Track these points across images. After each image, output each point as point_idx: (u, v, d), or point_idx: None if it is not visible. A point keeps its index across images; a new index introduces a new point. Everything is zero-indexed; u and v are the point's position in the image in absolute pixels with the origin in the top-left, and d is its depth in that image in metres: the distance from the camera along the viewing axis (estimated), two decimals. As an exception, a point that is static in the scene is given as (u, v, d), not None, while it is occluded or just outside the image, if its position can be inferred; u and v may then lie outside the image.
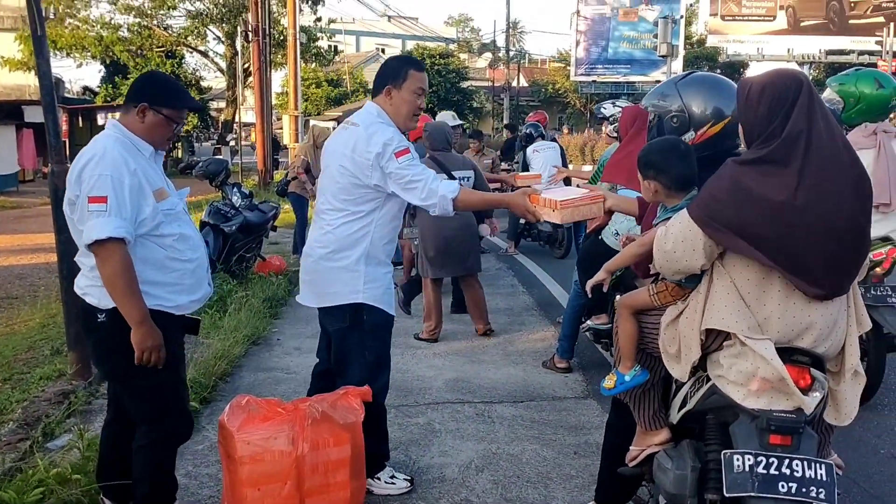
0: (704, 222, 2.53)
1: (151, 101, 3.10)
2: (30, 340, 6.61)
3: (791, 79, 2.54)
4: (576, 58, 40.62)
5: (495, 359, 6.10)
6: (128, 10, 31.08)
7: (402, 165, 3.44)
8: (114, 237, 2.87)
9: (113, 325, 3.00)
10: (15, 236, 14.85)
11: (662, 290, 2.87)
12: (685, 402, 2.83)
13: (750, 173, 2.49)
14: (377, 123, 3.57)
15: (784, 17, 38.16)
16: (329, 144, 3.76)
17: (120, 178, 2.92)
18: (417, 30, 54.51)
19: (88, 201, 2.89)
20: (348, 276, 3.59)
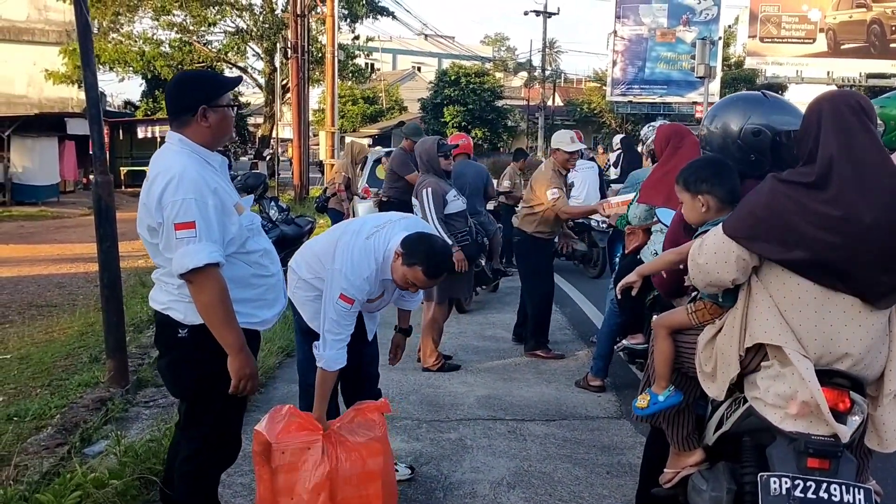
0: (739, 236, 2.56)
1: (207, 100, 2.93)
2: (68, 348, 6.71)
3: (818, 100, 2.61)
4: (612, 78, 40.54)
5: (528, 377, 6.08)
6: (170, 26, 31.56)
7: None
8: (210, 263, 2.75)
9: (194, 343, 2.91)
10: (55, 246, 15.11)
11: (700, 308, 2.88)
12: (721, 423, 2.82)
13: (787, 191, 2.51)
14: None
15: (824, 39, 37.80)
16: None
17: (204, 200, 2.78)
18: (454, 48, 54.79)
19: (175, 228, 2.75)
20: None
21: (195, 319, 2.87)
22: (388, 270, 3.63)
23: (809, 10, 37.75)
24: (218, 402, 2.99)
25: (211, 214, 2.78)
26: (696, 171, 3.01)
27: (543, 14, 45.83)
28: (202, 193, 2.78)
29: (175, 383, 3.16)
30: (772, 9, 38.02)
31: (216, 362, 2.88)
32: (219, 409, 3.03)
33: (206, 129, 2.94)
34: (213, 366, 2.89)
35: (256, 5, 32.35)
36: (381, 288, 3.72)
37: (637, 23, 40.38)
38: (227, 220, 2.86)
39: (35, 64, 30.94)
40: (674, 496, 3.09)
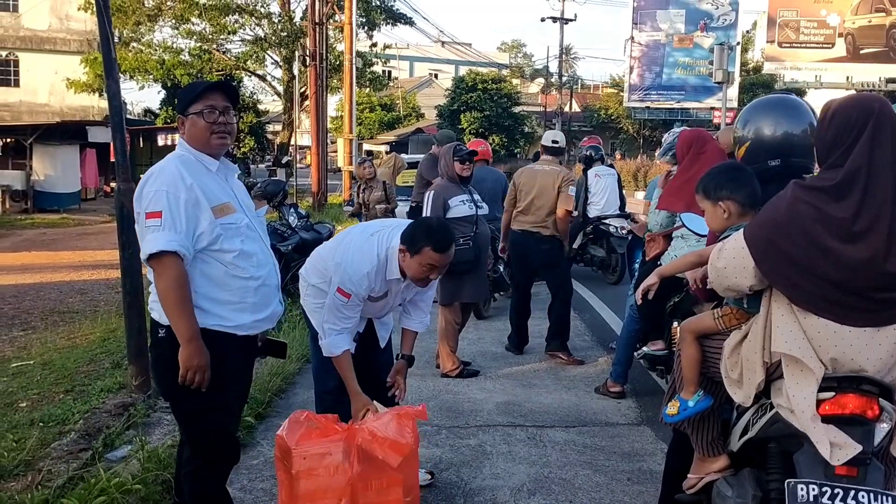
0: (754, 252, 2.56)
1: (182, 109, 3.11)
2: (91, 353, 6.77)
3: (861, 108, 2.51)
4: (629, 84, 40.48)
5: (547, 383, 6.08)
6: (189, 34, 31.83)
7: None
8: (166, 251, 2.85)
9: (170, 342, 2.96)
10: (76, 252, 15.26)
11: (727, 313, 2.89)
12: (746, 429, 2.81)
13: (809, 198, 2.49)
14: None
15: (843, 44, 37.58)
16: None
17: (175, 193, 2.89)
18: (470, 55, 54.87)
19: (145, 217, 2.90)
20: None
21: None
22: (395, 270, 3.69)
23: (828, 14, 37.56)
24: (198, 403, 3.02)
25: (180, 207, 2.89)
26: (713, 178, 3.05)
27: (560, 20, 45.81)
28: (175, 187, 2.90)
29: (158, 383, 3.33)
30: (790, 14, 37.85)
31: None
32: (200, 410, 3.06)
33: (188, 137, 3.09)
34: None
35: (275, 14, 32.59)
36: (385, 287, 3.76)
37: (654, 28, 40.30)
38: (200, 215, 2.94)
39: (57, 73, 31.29)
40: (697, 502, 3.07)
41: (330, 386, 3.97)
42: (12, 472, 3.96)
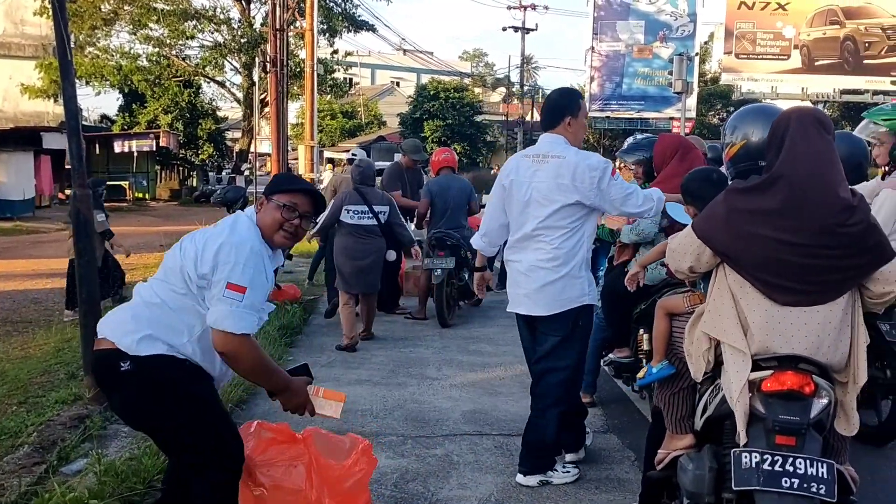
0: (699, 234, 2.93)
1: (268, 191, 3.12)
2: (45, 364, 6.58)
3: (788, 114, 2.93)
4: (590, 93, 40.72)
5: (513, 391, 6.03)
6: (147, 40, 31.45)
7: (618, 180, 4.09)
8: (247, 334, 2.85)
9: (136, 374, 2.87)
10: (30, 261, 14.91)
11: (695, 294, 3.37)
12: (706, 408, 3.08)
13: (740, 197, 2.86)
14: (579, 151, 4.16)
15: (799, 56, 38.28)
16: (524, 176, 4.20)
17: (259, 275, 2.90)
18: (432, 63, 54.93)
19: (227, 286, 2.82)
20: (576, 283, 4.13)
21: (140, 350, 2.88)
22: (577, 143, 4.17)
23: (784, 26, 38.23)
24: (189, 413, 2.97)
25: (262, 288, 2.91)
26: (685, 183, 3.70)
27: (521, 30, 46.07)
28: (259, 266, 2.92)
29: (132, 422, 3.24)
30: (747, 25, 38.46)
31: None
32: (195, 416, 2.98)
33: (260, 217, 3.07)
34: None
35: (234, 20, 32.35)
36: None
37: (614, 39, 40.67)
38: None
39: (11, 78, 30.67)
40: (667, 478, 3.31)
41: None
42: (-39, 487, 3.80)
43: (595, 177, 4.03)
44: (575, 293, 4.13)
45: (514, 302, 4.33)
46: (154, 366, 2.85)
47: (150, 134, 31.71)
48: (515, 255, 4.29)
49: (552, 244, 4.11)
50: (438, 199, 8.44)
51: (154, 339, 2.87)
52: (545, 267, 4.12)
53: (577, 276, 4.13)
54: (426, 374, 6.49)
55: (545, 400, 4.25)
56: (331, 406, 3.12)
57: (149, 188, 35.73)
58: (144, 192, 35.13)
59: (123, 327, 2.90)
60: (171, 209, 31.14)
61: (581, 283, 4.15)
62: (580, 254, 4.15)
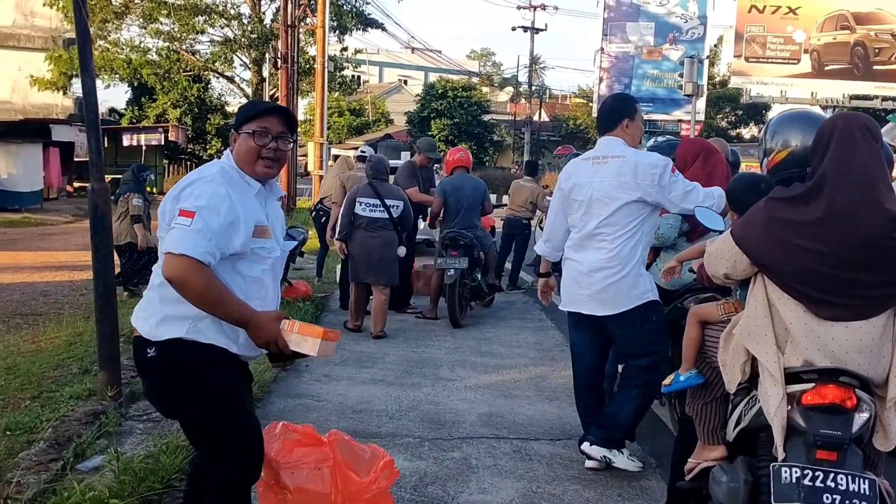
0: (737, 241, 2.87)
1: (236, 125, 2.94)
2: (57, 358, 6.55)
3: (834, 120, 2.85)
4: (598, 94, 40.59)
5: (528, 394, 5.99)
6: (157, 34, 31.38)
7: (678, 178, 4.23)
8: (189, 256, 2.61)
9: (163, 362, 2.81)
10: (39, 253, 14.92)
11: (730, 302, 3.30)
12: (740, 420, 3.03)
13: (781, 205, 2.79)
14: (637, 150, 4.37)
15: (808, 60, 38.09)
16: (584, 178, 4.35)
17: (215, 203, 2.70)
18: (441, 62, 54.86)
19: (178, 213, 2.68)
20: (639, 280, 4.26)
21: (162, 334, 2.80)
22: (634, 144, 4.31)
23: (794, 31, 38.04)
24: (211, 404, 2.86)
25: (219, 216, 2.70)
26: (729, 191, 3.63)
27: (531, 30, 45.99)
28: (217, 196, 2.73)
29: (160, 408, 3.16)
30: (757, 29, 38.27)
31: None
32: (216, 409, 2.87)
33: (235, 153, 2.92)
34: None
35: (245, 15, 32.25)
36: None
37: (624, 40, 40.57)
38: (234, 234, 2.74)
39: (20, 70, 30.60)
40: (697, 489, 3.28)
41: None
42: (-21, 483, 3.76)
43: (656, 174, 4.19)
44: (639, 290, 4.28)
45: (573, 302, 4.46)
46: (175, 351, 2.78)
47: (158, 128, 31.70)
48: (576, 254, 4.42)
49: (613, 244, 4.25)
50: (452, 199, 8.40)
51: (170, 320, 2.79)
52: (608, 266, 4.25)
53: (638, 273, 4.29)
54: (440, 375, 6.45)
55: (632, 380, 4.42)
56: (307, 343, 2.71)
57: (157, 182, 35.71)
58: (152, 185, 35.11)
59: (142, 313, 2.86)
60: (179, 203, 31.00)
61: (644, 280, 4.32)
62: (638, 254, 4.29)
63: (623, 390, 4.47)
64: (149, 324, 2.82)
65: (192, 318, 2.76)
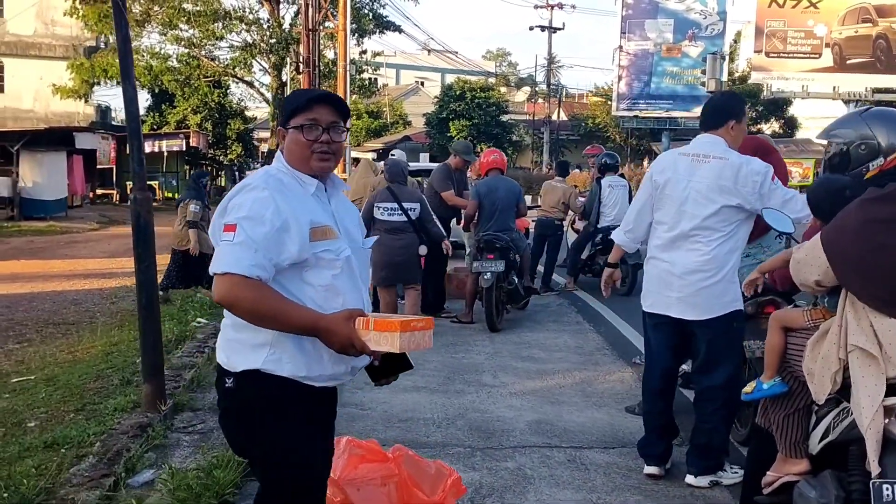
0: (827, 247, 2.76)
1: (282, 121, 2.66)
2: (96, 369, 6.52)
3: None
4: (618, 93, 40.32)
5: (575, 400, 5.88)
6: (177, 40, 31.53)
7: (778, 185, 4.09)
8: (233, 273, 2.37)
9: (239, 395, 2.55)
10: (66, 261, 14.95)
11: (816, 309, 3.16)
12: (827, 432, 2.92)
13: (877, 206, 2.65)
14: (741, 154, 4.20)
15: (830, 54, 37.64)
16: (681, 174, 4.22)
17: (260, 211, 2.44)
18: (458, 63, 54.78)
19: (222, 230, 2.46)
20: (731, 287, 4.15)
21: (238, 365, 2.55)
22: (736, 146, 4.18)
23: (815, 24, 37.62)
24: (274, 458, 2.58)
25: (264, 224, 2.44)
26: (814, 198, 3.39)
27: (549, 29, 45.84)
28: (262, 202, 2.47)
29: (228, 441, 2.83)
30: (777, 24, 37.88)
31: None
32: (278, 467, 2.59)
33: (286, 151, 2.64)
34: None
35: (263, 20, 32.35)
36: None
37: (643, 38, 40.21)
38: (287, 240, 2.45)
39: (42, 78, 30.93)
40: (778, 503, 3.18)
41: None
42: (34, 500, 3.70)
43: (758, 181, 4.08)
44: (730, 297, 4.16)
45: (661, 303, 4.33)
46: (249, 385, 2.52)
47: (179, 134, 31.78)
48: (666, 254, 4.29)
49: (709, 246, 4.13)
50: (486, 201, 8.30)
51: (245, 349, 2.53)
52: (703, 270, 4.14)
53: (731, 280, 4.16)
54: (483, 381, 6.35)
55: (712, 404, 4.28)
56: (387, 339, 2.37)
57: (178, 188, 35.84)
58: (174, 191, 35.22)
59: (221, 341, 2.65)
60: (200, 209, 31.13)
61: (735, 288, 4.18)
62: (734, 259, 4.17)
63: (705, 418, 4.31)
64: (225, 353, 2.59)
65: (270, 345, 2.49)
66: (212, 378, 6.28)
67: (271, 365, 2.50)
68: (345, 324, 2.41)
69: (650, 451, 4.49)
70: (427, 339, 2.42)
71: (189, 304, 9.09)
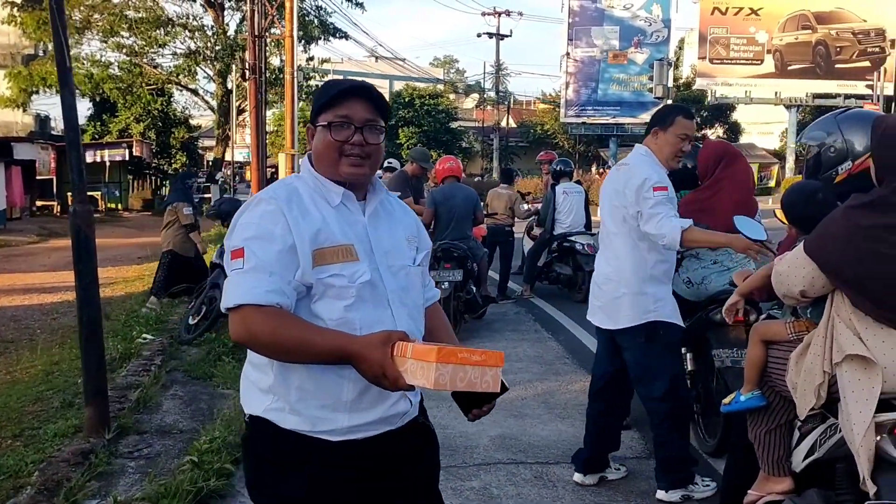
0: (814, 258, 2.61)
1: (311, 116, 2.24)
2: (35, 391, 6.20)
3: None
4: (566, 99, 40.70)
5: (539, 413, 5.73)
6: (118, 48, 30.86)
7: (654, 198, 3.90)
8: (244, 304, 1.99)
9: (253, 440, 2.18)
10: (4, 276, 14.42)
11: (799, 321, 3.01)
12: (813, 450, 2.80)
13: (866, 212, 2.50)
14: (643, 162, 4.08)
15: (772, 60, 38.53)
16: (605, 184, 4.31)
17: (269, 228, 2.06)
18: (406, 70, 54.63)
19: (230, 257, 2.08)
20: (640, 299, 4.05)
21: (252, 408, 2.18)
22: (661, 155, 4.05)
23: (757, 31, 38.45)
24: None
25: (273, 244, 2.06)
26: (788, 206, 3.23)
27: (496, 36, 45.98)
28: (271, 217, 2.08)
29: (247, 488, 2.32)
30: (720, 31, 38.63)
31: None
32: None
33: (314, 152, 2.23)
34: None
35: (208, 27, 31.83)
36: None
37: (589, 45, 40.64)
38: (297, 258, 2.06)
39: (-22, 87, 30.00)
40: None
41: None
42: (-35, 540, 3.43)
43: (634, 185, 3.99)
44: (642, 308, 4.06)
45: (590, 311, 4.42)
46: (257, 433, 2.16)
47: (122, 143, 31.09)
48: (596, 262, 4.39)
49: (616, 254, 4.13)
50: (443, 209, 8.14)
51: (253, 388, 2.17)
52: (613, 279, 4.14)
53: (643, 291, 4.06)
54: (443, 395, 6.12)
55: (656, 416, 4.23)
56: (423, 371, 1.83)
57: (121, 198, 35.08)
58: (117, 202, 34.50)
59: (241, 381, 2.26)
60: (145, 219, 30.48)
61: (645, 300, 4.06)
62: (647, 268, 4.06)
63: (655, 428, 4.25)
64: (242, 390, 2.24)
65: (271, 391, 2.12)
66: (158, 397, 6.08)
67: (274, 415, 2.11)
68: (379, 349, 1.89)
69: (577, 456, 4.48)
70: (489, 379, 1.88)
71: (134, 320, 8.75)
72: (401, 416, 2.19)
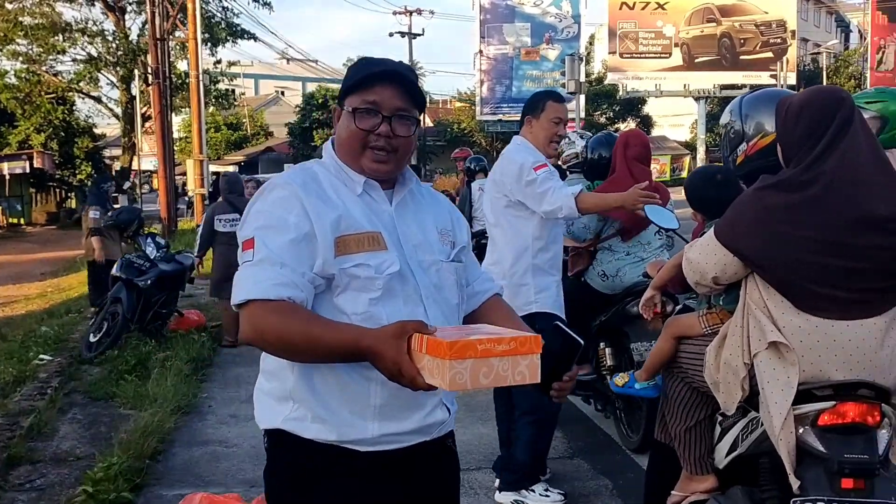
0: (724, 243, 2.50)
1: (340, 95, 2.02)
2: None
3: (831, 98, 2.47)
4: (481, 97, 40.87)
5: (459, 416, 5.50)
6: (14, 55, 29.58)
7: (537, 176, 3.77)
8: (254, 300, 1.79)
9: (272, 455, 1.98)
10: None
11: (711, 313, 2.89)
12: (735, 445, 2.70)
13: (774, 193, 2.42)
14: (517, 150, 3.99)
15: (679, 53, 39.46)
16: (489, 176, 4.28)
17: (282, 215, 1.86)
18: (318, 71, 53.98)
19: (242, 248, 1.89)
20: (521, 290, 3.88)
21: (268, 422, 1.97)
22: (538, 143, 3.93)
23: (664, 25, 39.32)
24: None
25: (287, 231, 1.85)
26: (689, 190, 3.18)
27: (408, 35, 45.79)
28: (285, 203, 1.88)
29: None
30: (629, 25, 39.37)
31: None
32: None
33: (337, 136, 2.02)
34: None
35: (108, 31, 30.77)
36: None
37: (501, 42, 40.90)
38: (317, 246, 1.84)
39: None
40: None
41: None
42: None
43: (512, 172, 3.90)
44: (521, 301, 3.83)
45: None
46: (275, 449, 1.96)
47: (22, 155, 29.71)
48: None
49: (497, 245, 4.04)
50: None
51: (269, 399, 1.96)
52: (494, 272, 3.84)
53: (521, 283, 3.92)
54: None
55: (519, 409, 4.04)
56: (438, 368, 1.56)
57: (23, 212, 33.62)
58: (19, 216, 33.05)
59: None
60: (50, 233, 29.28)
61: (527, 291, 3.92)
62: (524, 258, 3.92)
63: (517, 426, 4.06)
64: (256, 406, 2.02)
65: (290, 397, 1.90)
66: (55, 423, 5.67)
67: (293, 424, 1.89)
68: (392, 343, 1.63)
69: (497, 465, 4.28)
70: (524, 370, 1.58)
71: (32, 340, 8.23)
72: (438, 426, 1.98)
